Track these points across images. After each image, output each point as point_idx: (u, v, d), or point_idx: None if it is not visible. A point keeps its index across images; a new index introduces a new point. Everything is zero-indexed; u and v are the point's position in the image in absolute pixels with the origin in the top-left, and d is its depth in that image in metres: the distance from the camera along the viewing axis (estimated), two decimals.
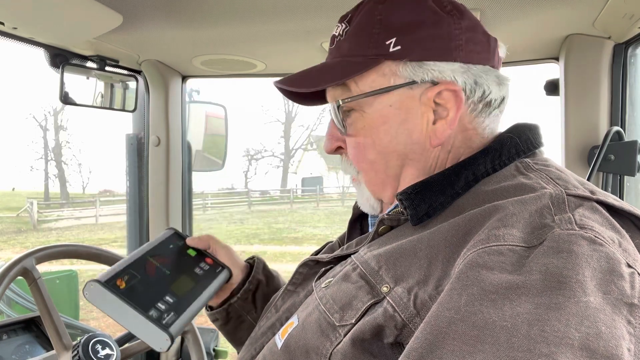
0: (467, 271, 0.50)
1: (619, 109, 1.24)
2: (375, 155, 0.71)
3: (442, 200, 0.64)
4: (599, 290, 0.45)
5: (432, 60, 0.67)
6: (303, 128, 36.23)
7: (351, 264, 0.67)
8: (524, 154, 0.68)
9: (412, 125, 0.69)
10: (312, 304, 0.67)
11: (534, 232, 0.52)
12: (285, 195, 27.96)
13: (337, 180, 34.08)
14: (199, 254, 1.01)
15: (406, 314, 0.55)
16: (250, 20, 1.16)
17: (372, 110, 0.70)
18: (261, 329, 0.77)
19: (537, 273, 0.47)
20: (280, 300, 0.79)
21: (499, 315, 0.44)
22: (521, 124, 0.72)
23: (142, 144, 1.72)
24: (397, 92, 0.68)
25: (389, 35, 0.67)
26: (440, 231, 0.59)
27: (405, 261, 0.60)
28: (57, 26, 1.16)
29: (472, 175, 0.65)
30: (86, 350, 1.08)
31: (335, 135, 0.76)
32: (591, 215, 0.54)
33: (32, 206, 19.10)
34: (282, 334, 0.68)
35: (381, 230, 0.70)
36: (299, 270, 0.79)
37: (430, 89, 0.67)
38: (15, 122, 51.29)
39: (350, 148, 0.74)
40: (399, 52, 0.67)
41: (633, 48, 1.22)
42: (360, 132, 0.71)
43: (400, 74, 0.68)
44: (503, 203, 0.57)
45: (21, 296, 2.92)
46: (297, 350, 0.63)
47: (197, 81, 1.78)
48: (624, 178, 1.26)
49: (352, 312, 0.59)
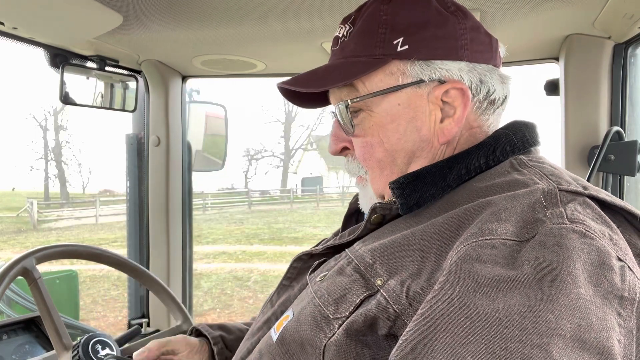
0: (460, 264, 0.51)
1: (619, 109, 1.24)
2: (384, 153, 0.71)
3: (434, 192, 0.66)
4: (589, 283, 0.46)
5: (439, 59, 0.68)
6: (303, 128, 36.26)
7: (346, 258, 0.67)
8: (518, 151, 0.69)
9: (420, 123, 0.70)
10: (306, 297, 0.68)
11: (526, 226, 0.53)
12: (285, 195, 27.95)
13: (337, 180, 34.09)
14: None
15: (399, 305, 0.55)
16: (250, 20, 1.16)
17: (380, 110, 0.70)
18: (257, 324, 0.78)
19: (529, 266, 0.48)
20: (276, 295, 0.80)
21: (491, 307, 0.45)
22: (518, 121, 0.73)
23: (142, 144, 1.72)
24: (405, 91, 0.69)
25: (395, 35, 0.68)
26: (433, 225, 0.60)
27: (399, 255, 0.60)
28: (57, 26, 1.16)
29: (465, 169, 0.66)
30: (86, 350, 1.07)
31: (340, 136, 0.76)
32: (583, 210, 0.55)
33: (32, 206, 19.09)
34: (278, 327, 0.69)
35: (373, 219, 0.70)
36: (294, 264, 0.80)
37: (437, 87, 0.69)
38: (15, 122, 51.33)
39: (357, 148, 0.74)
40: (407, 51, 0.68)
41: (633, 48, 1.22)
42: (368, 132, 0.71)
43: (408, 73, 0.69)
44: (496, 198, 0.58)
45: (21, 296, 2.91)
46: (292, 343, 0.64)
47: (197, 81, 1.78)
48: (624, 178, 1.26)
49: (347, 304, 0.60)
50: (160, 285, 1.35)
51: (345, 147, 0.76)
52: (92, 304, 7.32)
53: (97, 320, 6.49)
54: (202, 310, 7.00)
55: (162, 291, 1.35)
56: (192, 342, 0.96)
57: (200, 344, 0.96)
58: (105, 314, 6.90)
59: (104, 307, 7.20)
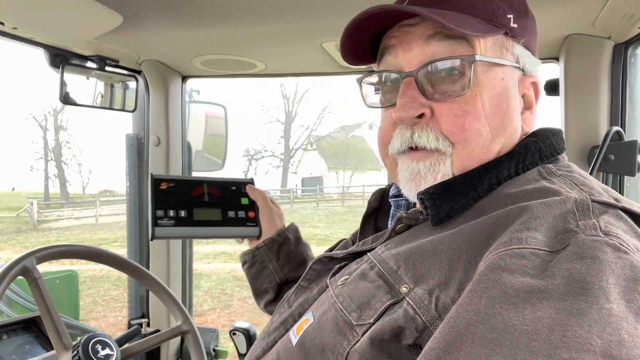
0: (487, 273, 0.49)
1: (619, 109, 1.24)
2: (482, 127, 0.65)
3: (464, 202, 0.63)
4: (622, 298, 0.45)
5: (531, 51, 0.70)
6: (303, 128, 36.15)
7: (368, 262, 0.66)
8: (547, 160, 0.68)
9: (514, 105, 0.69)
10: (327, 301, 0.66)
11: (557, 236, 0.51)
12: (285, 195, 27.94)
13: (337, 180, 34.08)
14: (249, 205, 1.11)
15: (427, 316, 0.54)
16: (250, 20, 1.16)
17: (486, 79, 0.65)
18: (274, 324, 0.76)
19: (559, 278, 0.46)
20: (294, 296, 0.78)
21: (519, 318, 0.44)
22: (545, 129, 0.72)
23: (142, 144, 1.72)
24: (508, 68, 0.68)
25: (508, 10, 0.67)
26: (462, 232, 0.58)
27: (425, 262, 0.59)
28: (57, 26, 1.16)
29: (496, 179, 0.65)
30: (86, 350, 1.07)
31: (418, 99, 0.66)
32: (616, 223, 0.53)
33: (32, 206, 19.08)
34: (297, 331, 0.67)
35: (398, 228, 0.69)
36: (313, 266, 0.78)
37: (527, 77, 0.70)
38: (15, 122, 51.32)
39: (452, 116, 0.65)
40: (517, 30, 0.67)
41: (633, 48, 1.22)
42: (470, 99, 0.65)
43: (513, 52, 0.68)
44: (528, 205, 0.56)
45: (21, 296, 2.91)
46: (313, 348, 0.62)
47: (197, 81, 1.78)
48: (624, 178, 1.26)
49: (371, 311, 0.58)
50: (160, 285, 1.35)
51: (423, 113, 0.66)
52: (92, 304, 7.32)
53: (97, 320, 6.49)
54: (202, 310, 6.99)
55: (162, 291, 1.35)
56: (275, 223, 1.10)
57: (276, 230, 1.09)
58: (105, 314, 6.90)
59: (104, 307, 7.20)
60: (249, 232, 1.09)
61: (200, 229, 1.04)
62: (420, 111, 0.65)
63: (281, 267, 1.05)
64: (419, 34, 0.66)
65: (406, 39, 0.67)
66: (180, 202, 1.05)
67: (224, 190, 1.10)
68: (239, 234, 1.09)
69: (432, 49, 0.65)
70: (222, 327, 5.83)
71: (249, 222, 1.09)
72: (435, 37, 0.65)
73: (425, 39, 0.65)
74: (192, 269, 1.88)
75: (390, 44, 0.69)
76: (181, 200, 1.05)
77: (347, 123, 36.44)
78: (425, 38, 0.65)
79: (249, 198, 1.12)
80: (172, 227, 1.02)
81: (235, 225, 1.08)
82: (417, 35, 0.66)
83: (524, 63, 0.70)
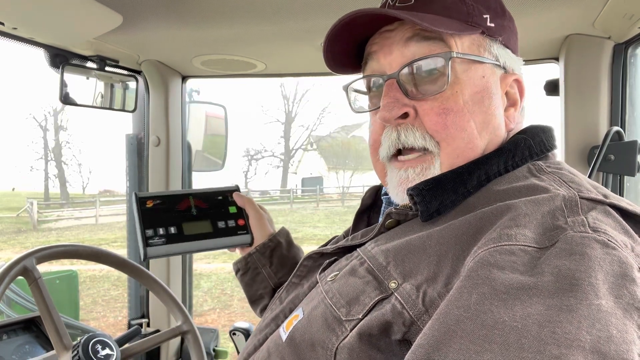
0: (477, 269, 0.50)
1: (619, 109, 1.24)
2: (466, 123, 0.66)
3: (454, 199, 0.64)
4: (610, 294, 0.45)
5: (511, 50, 0.72)
6: (303, 128, 36.13)
7: (358, 258, 0.66)
8: (536, 156, 0.68)
9: (497, 102, 0.70)
10: (317, 297, 0.67)
11: (545, 233, 0.51)
12: (285, 196, 27.92)
13: (337, 181, 34.07)
14: (238, 213, 1.10)
15: (414, 311, 0.54)
16: (250, 20, 1.16)
17: (466, 77, 0.67)
18: (265, 321, 0.77)
19: (549, 274, 0.46)
20: (285, 293, 0.79)
21: (509, 315, 0.44)
22: (535, 126, 0.73)
23: (142, 144, 1.72)
24: (488, 66, 0.69)
25: (484, 10, 0.69)
26: (450, 228, 0.59)
27: (414, 257, 0.59)
28: (57, 26, 1.16)
29: (485, 175, 0.65)
30: (86, 350, 1.07)
31: (401, 99, 0.67)
32: (604, 219, 0.54)
33: (32, 206, 19.08)
34: (287, 327, 0.68)
35: (388, 224, 0.69)
36: (304, 263, 0.79)
37: (508, 75, 0.71)
38: (15, 122, 51.32)
39: (434, 114, 0.66)
40: (494, 29, 0.69)
41: (633, 48, 1.22)
42: (451, 97, 0.66)
43: (491, 51, 0.70)
44: (516, 202, 0.56)
45: (21, 296, 2.91)
46: (303, 344, 0.63)
47: (197, 81, 1.78)
48: (624, 178, 1.26)
49: (359, 307, 0.59)
50: (160, 286, 1.35)
51: (406, 112, 0.68)
52: (92, 304, 7.32)
53: (97, 320, 6.49)
54: (202, 310, 6.99)
55: (162, 291, 1.35)
56: (266, 228, 1.08)
57: (267, 235, 1.07)
58: (105, 314, 6.90)
59: (104, 307, 7.20)
60: (241, 241, 1.07)
61: (192, 244, 1.03)
62: (403, 110, 0.67)
63: (275, 272, 1.05)
64: (397, 38, 0.68)
65: (386, 43, 0.69)
66: (169, 219, 1.03)
67: (211, 200, 1.09)
68: (232, 244, 1.08)
69: (412, 50, 0.67)
70: (222, 327, 5.83)
71: (239, 230, 1.08)
72: (413, 39, 0.67)
73: (405, 42, 0.67)
74: (192, 269, 1.88)
75: (372, 50, 0.71)
76: (169, 216, 1.03)
77: (347, 123, 36.41)
78: (405, 41, 0.67)
79: (237, 206, 1.11)
80: (164, 245, 1.01)
81: (227, 235, 1.07)
82: (397, 40, 0.68)
83: (504, 61, 0.71)
